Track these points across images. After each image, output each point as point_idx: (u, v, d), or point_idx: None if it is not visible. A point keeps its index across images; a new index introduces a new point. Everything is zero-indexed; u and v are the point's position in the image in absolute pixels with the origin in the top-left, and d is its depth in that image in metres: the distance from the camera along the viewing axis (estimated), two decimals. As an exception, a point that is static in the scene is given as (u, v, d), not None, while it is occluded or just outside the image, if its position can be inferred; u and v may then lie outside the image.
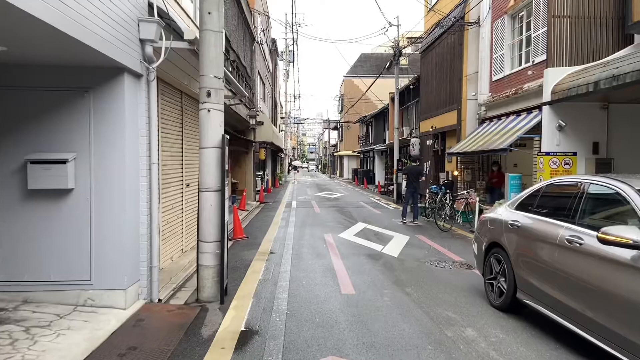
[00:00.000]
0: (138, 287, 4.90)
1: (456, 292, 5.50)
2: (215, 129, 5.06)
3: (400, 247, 8.51)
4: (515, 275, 4.50)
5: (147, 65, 4.83)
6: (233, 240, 9.31)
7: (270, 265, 6.96)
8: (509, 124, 11.25)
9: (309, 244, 8.75)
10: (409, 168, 12.98)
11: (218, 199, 5.09)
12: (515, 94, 11.20)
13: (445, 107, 15.40)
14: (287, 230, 10.63)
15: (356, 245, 8.64)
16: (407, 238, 9.54)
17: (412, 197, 12.38)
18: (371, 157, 34.29)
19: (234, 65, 13.37)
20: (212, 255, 5.08)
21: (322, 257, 7.57)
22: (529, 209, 4.58)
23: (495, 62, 12.73)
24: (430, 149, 17.09)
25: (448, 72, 15.27)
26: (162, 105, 6.51)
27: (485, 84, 13.27)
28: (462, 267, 6.90)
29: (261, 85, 22.58)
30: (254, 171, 18.96)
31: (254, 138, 18.34)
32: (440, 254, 7.96)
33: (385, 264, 7.03)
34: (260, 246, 8.57)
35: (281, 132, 41.52)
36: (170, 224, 6.95)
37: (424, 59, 18.27)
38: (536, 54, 10.56)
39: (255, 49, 18.60)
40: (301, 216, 13.48)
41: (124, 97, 4.54)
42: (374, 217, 13.36)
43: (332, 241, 9.07)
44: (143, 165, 4.89)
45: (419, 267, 6.85)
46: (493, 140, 11.00)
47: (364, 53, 48.07)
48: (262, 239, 9.41)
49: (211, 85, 5.01)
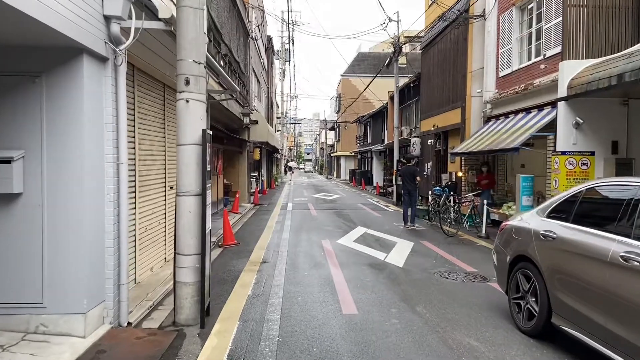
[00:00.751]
0: (103, 309, 4.15)
1: (474, 312, 4.78)
2: (195, 123, 4.32)
3: (405, 255, 7.79)
4: (550, 295, 3.79)
5: (113, 47, 4.08)
6: (223, 247, 8.57)
7: (262, 277, 6.21)
8: (519, 122, 10.56)
9: (305, 252, 8.02)
10: (403, 169, 12.27)
11: (198, 205, 4.35)
12: (525, 90, 10.52)
13: (448, 105, 14.70)
14: (282, 235, 9.89)
15: (356, 253, 7.91)
16: (411, 244, 8.82)
17: (409, 200, 11.70)
18: (369, 158, 33.58)
19: (225, 59, 12.63)
20: (191, 271, 4.34)
21: (319, 267, 6.83)
22: (566, 218, 3.87)
23: (502, 57, 12.05)
24: (431, 148, 16.40)
25: (451, 68, 14.58)
26: (141, 97, 5.77)
27: (491, 80, 12.58)
28: (475, 280, 6.18)
29: (256, 83, 21.84)
30: (249, 172, 18.20)
31: (248, 137, 17.60)
32: (450, 263, 7.24)
33: (390, 276, 6.31)
34: (252, 254, 7.82)
35: (277, 132, 40.80)
36: (150, 231, 6.21)
37: (425, 56, 17.58)
38: (548, 47, 9.87)
39: (249, 45, 17.86)
40: (297, 219, 12.74)
41: (82, 84, 3.79)
42: (373, 221, 12.64)
43: (331, 248, 8.34)
44: (109, 165, 4.14)
45: (428, 280, 6.13)
46: (501, 140, 10.31)
47: (361, 52, 47.44)
48: (254, 245, 8.67)
49: (190, 71, 4.27)
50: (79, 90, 3.79)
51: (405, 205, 11.86)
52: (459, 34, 13.90)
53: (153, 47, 5.42)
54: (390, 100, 24.21)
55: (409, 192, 11.76)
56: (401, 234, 10.28)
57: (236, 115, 14.00)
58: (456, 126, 14.05)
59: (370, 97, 36.69)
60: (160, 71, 6.01)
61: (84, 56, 3.79)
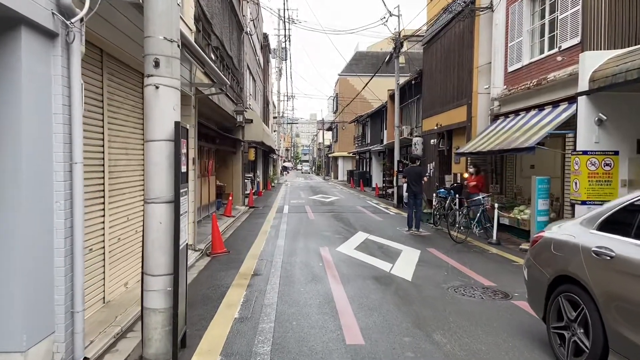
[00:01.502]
0: (52, 344, 3.36)
1: (503, 341, 4.02)
2: (167, 114, 3.54)
3: (413, 265, 7.02)
4: (607, 328, 3.03)
5: (63, 19, 3.30)
6: (211, 255, 7.79)
7: (252, 294, 5.43)
8: (531, 120, 9.82)
9: (302, 262, 7.24)
10: (408, 169, 11.44)
11: (170, 214, 3.57)
12: (537, 85, 9.77)
13: (453, 103, 13.96)
14: (277, 242, 9.11)
15: (359, 264, 7.14)
16: (418, 253, 8.06)
17: (414, 203, 10.95)
18: (367, 159, 32.83)
19: (217, 53, 11.84)
20: (161, 295, 3.56)
21: (317, 281, 6.05)
22: (626, 231, 3.11)
23: (511, 51, 11.31)
24: (434, 148, 15.65)
25: (456, 64, 13.84)
26: (112, 88, 5.00)
27: (499, 76, 11.85)
28: (496, 296, 5.42)
29: (251, 81, 21.06)
30: (243, 173, 17.42)
31: (243, 137, 16.82)
32: (463, 275, 6.48)
33: (398, 292, 5.54)
34: (243, 264, 7.04)
35: (274, 132, 40.00)
36: (125, 241, 5.42)
37: (427, 52, 16.84)
38: (564, 39, 9.13)
39: (243, 41, 17.09)
40: (293, 224, 11.96)
41: (20, 64, 3.01)
42: (375, 225, 11.87)
43: (330, 257, 7.56)
44: (60, 166, 3.36)
45: (442, 297, 5.36)
46: (513, 139, 9.57)
47: (359, 51, 46.72)
48: (246, 254, 7.89)
49: (161, 51, 3.49)
50: (14, 72, 3.00)
51: (409, 208, 11.11)
52: (465, 28, 13.16)
53: (124, 28, 4.64)
54: (390, 98, 23.47)
55: (414, 194, 11.01)
56: (406, 240, 9.52)
57: (229, 113, 13.22)
58: (461, 125, 13.31)
59: (369, 96, 35.93)
60: (135, 58, 5.23)
61: (21, 29, 3.00)
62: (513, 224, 10.11)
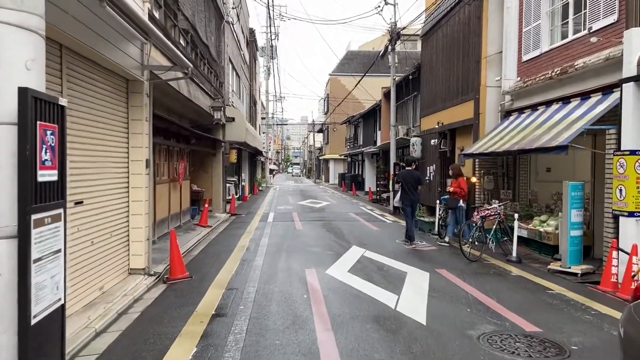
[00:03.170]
0: None
1: None
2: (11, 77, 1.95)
3: (424, 296, 5.46)
4: None
5: None
6: (168, 282, 6.17)
7: (205, 352, 3.83)
8: (555, 115, 8.34)
9: (281, 293, 5.64)
10: (404, 174, 9.80)
11: (11, 260, 1.96)
12: (562, 74, 8.30)
13: (457, 98, 12.47)
14: (254, 262, 7.50)
15: (355, 295, 5.55)
16: (427, 276, 6.51)
17: (411, 212, 9.49)
18: (360, 161, 31.30)
19: (187, 37, 10.22)
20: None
21: (300, 326, 4.46)
22: None
23: (526, 37, 9.85)
24: (435, 149, 14.15)
25: (460, 55, 12.36)
26: None
27: (511, 66, 10.37)
28: (549, 353, 3.87)
29: (234, 77, 19.44)
30: (224, 177, 15.76)
31: (223, 137, 15.18)
32: (492, 312, 4.92)
33: (412, 347, 3.96)
34: (205, 297, 5.43)
35: (263, 134, 38.36)
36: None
37: (426, 44, 15.37)
38: (595, 18, 7.66)
39: (224, 30, 15.48)
40: (277, 236, 10.36)
41: None
42: (371, 237, 10.31)
43: (317, 285, 5.97)
44: None
45: (474, 355, 3.80)
46: (535, 137, 8.08)
47: (351, 50, 45.39)
48: (212, 280, 6.27)
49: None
50: None
51: (408, 218, 9.60)
52: (471, 13, 11.69)
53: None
54: (384, 97, 21.98)
55: (411, 202, 9.52)
56: (409, 257, 7.96)
57: (204, 109, 11.59)
58: (466, 122, 11.82)
59: (361, 97, 34.50)
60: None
61: None
62: (533, 236, 8.61)
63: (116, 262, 5.93)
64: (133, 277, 6.25)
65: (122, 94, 6.16)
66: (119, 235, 5.99)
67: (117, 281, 5.93)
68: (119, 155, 6.03)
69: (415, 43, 32.45)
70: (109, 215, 5.67)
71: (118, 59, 5.33)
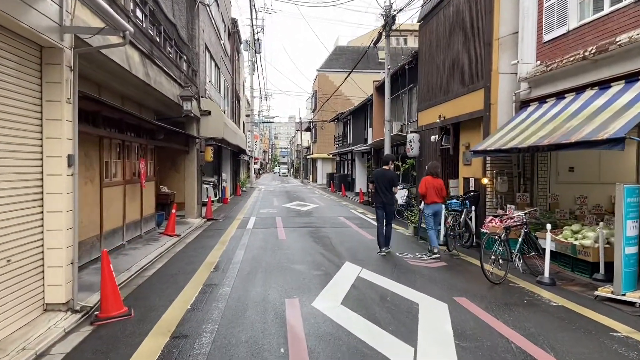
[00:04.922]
0: None
1: None
2: None
3: (450, 350, 3.85)
4: None
5: None
6: (96, 322, 4.49)
7: None
8: (594, 101, 6.85)
9: (249, 344, 3.99)
10: (377, 173, 8.60)
11: None
12: (599, 52, 6.80)
13: (463, 88, 10.94)
14: (221, 288, 5.83)
15: (353, 350, 3.91)
16: (445, 310, 4.92)
17: (383, 215, 8.27)
18: (349, 160, 29.72)
19: (144, 9, 8.47)
20: None
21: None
22: None
23: (548, 13, 8.35)
24: (435, 146, 12.60)
25: (467, 38, 10.83)
26: None
27: (529, 48, 8.87)
28: None
29: (213, 67, 17.70)
30: (198, 177, 14.02)
31: (198, 133, 13.45)
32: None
33: None
34: (136, 354, 3.76)
35: (248, 132, 36.58)
36: None
37: (424, 29, 13.83)
38: (646, -18, 6.16)
39: (198, 13, 13.75)
40: (256, 248, 8.70)
41: None
42: (366, 249, 8.72)
43: (301, 328, 4.34)
44: None
45: None
46: (571, 128, 6.57)
47: (339, 46, 43.87)
48: (157, 319, 4.59)
49: None
50: None
51: (379, 222, 8.32)
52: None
53: None
54: (377, 91, 20.42)
55: (383, 204, 8.23)
56: (417, 279, 6.37)
57: (172, 98, 9.88)
58: (474, 115, 10.28)
59: (350, 94, 32.99)
60: None
61: None
62: (564, 250, 7.09)
63: (20, 297, 4.25)
64: (48, 315, 4.57)
65: (32, 66, 4.48)
66: (23, 260, 4.30)
67: (21, 324, 4.24)
68: (25, 149, 4.36)
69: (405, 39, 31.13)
70: (5, 234, 4.00)
71: (22, 15, 3.67)
